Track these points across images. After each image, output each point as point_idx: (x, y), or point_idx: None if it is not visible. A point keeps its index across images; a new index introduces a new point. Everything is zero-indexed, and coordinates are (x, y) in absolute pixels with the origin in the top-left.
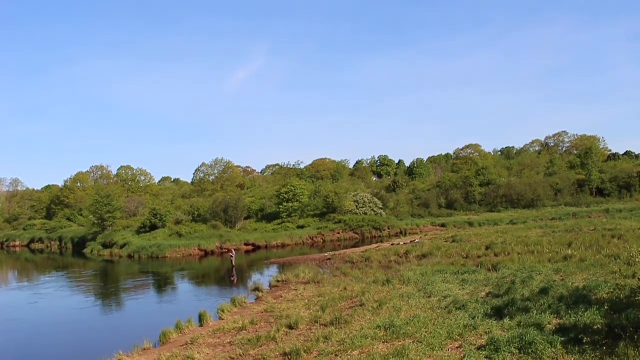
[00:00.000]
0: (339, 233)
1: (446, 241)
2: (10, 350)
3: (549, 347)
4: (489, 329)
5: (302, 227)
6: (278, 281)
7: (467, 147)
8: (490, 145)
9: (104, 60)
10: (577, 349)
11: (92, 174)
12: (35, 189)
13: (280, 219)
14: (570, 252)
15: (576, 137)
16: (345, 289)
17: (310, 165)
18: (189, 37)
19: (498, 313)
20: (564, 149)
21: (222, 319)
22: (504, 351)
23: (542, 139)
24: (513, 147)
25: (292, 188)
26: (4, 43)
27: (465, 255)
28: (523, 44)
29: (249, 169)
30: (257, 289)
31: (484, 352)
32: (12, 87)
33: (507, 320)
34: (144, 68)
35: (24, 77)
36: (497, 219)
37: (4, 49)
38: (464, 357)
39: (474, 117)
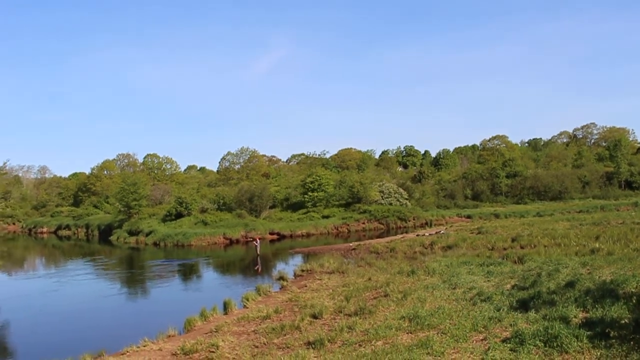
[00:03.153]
0: (363, 223)
1: (472, 232)
2: (36, 336)
3: (574, 341)
4: (513, 321)
5: (327, 216)
6: (302, 270)
7: (494, 138)
8: (517, 136)
9: (130, 48)
10: (603, 343)
11: (119, 162)
12: (63, 176)
13: (305, 208)
14: (597, 245)
15: (605, 129)
16: (370, 279)
17: (336, 155)
18: (214, 26)
19: (523, 306)
20: (592, 141)
21: (247, 308)
22: (529, 344)
23: (570, 130)
24: (540, 138)
25: (318, 178)
26: (31, 30)
27: (490, 247)
28: (550, 34)
29: (274, 158)
30: (281, 278)
31: (508, 345)
32: (40, 75)
33: (532, 313)
34: (169, 56)
35: (51, 64)
36: (523, 211)
37: (32, 36)
38: (489, 349)
39: (501, 108)
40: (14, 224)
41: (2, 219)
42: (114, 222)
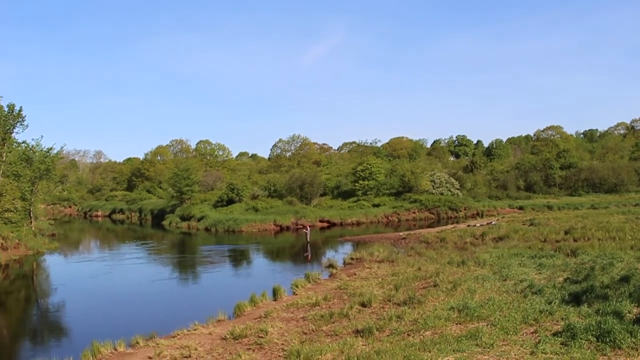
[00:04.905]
0: (414, 212)
1: (524, 224)
2: (90, 317)
3: (628, 337)
4: (565, 315)
5: (377, 205)
6: (352, 259)
7: (548, 128)
8: (572, 127)
9: (184, 34)
10: None
11: (172, 148)
12: (117, 161)
13: (355, 196)
14: None
15: None
16: (420, 268)
17: (387, 143)
18: (268, 12)
19: (575, 299)
20: None
21: (296, 294)
22: (581, 338)
23: (628, 121)
24: (596, 129)
25: (369, 166)
26: (87, 17)
27: (543, 239)
28: (608, 22)
29: (326, 146)
30: (331, 266)
31: (559, 339)
32: (96, 60)
33: (584, 307)
34: (222, 42)
35: (108, 50)
36: (577, 203)
37: (87, 22)
38: (539, 342)
39: (556, 98)
40: (70, 207)
41: (59, 202)
42: (166, 207)
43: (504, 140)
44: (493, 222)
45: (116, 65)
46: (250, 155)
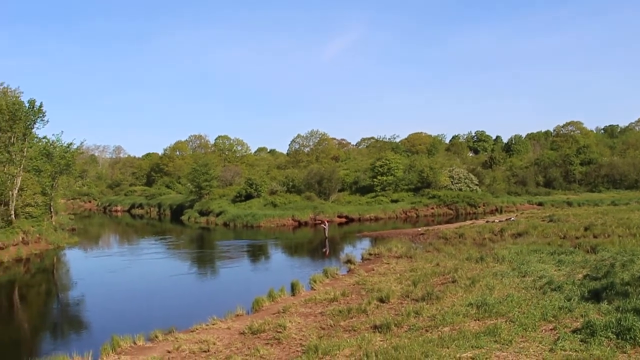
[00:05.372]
0: (432, 208)
1: (543, 220)
2: (109, 311)
3: None
4: (585, 312)
5: (395, 201)
6: (370, 254)
7: (568, 124)
8: (593, 122)
9: (202, 30)
10: None
11: (191, 143)
12: (136, 156)
13: (374, 192)
14: None
15: None
16: (438, 264)
17: (406, 139)
18: (288, 8)
19: (595, 296)
20: None
21: (314, 289)
22: (601, 336)
23: None
24: (617, 125)
25: (387, 162)
26: (105, 13)
27: (562, 236)
28: (628, 18)
29: (344, 142)
30: (349, 261)
31: (579, 336)
32: (114, 57)
33: (604, 304)
34: (241, 38)
35: (126, 46)
36: (597, 200)
37: (105, 19)
38: (558, 339)
39: (575, 94)
40: (90, 201)
41: (79, 197)
42: (185, 202)
43: (524, 135)
44: (512, 218)
45: (135, 61)
46: (268, 150)
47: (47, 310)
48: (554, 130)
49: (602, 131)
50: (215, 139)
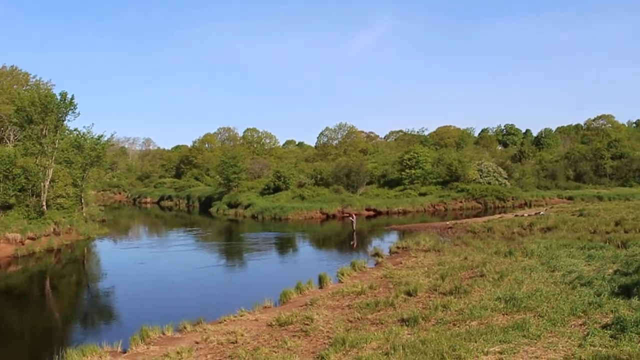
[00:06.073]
0: (461, 202)
1: (573, 215)
2: (138, 302)
3: None
4: (615, 307)
5: (423, 194)
6: (398, 247)
7: (599, 117)
8: (624, 116)
9: (231, 23)
10: None
11: (219, 136)
12: (166, 148)
13: (402, 185)
14: None
15: None
16: (466, 258)
17: (434, 132)
18: (312, 1)
19: (626, 292)
20: None
21: (342, 282)
22: (631, 331)
23: None
24: None
25: (415, 155)
26: (135, 6)
27: (592, 230)
28: None
29: (372, 135)
30: (376, 254)
31: (608, 331)
32: (144, 50)
33: (635, 300)
34: (269, 31)
35: (157, 38)
36: (628, 194)
37: (135, 12)
38: (588, 334)
39: (607, 87)
40: (119, 193)
41: (109, 189)
42: (214, 194)
43: (553, 129)
44: (541, 212)
45: (165, 54)
46: (297, 143)
47: (77, 301)
48: (585, 124)
49: (634, 125)
50: (244, 132)
